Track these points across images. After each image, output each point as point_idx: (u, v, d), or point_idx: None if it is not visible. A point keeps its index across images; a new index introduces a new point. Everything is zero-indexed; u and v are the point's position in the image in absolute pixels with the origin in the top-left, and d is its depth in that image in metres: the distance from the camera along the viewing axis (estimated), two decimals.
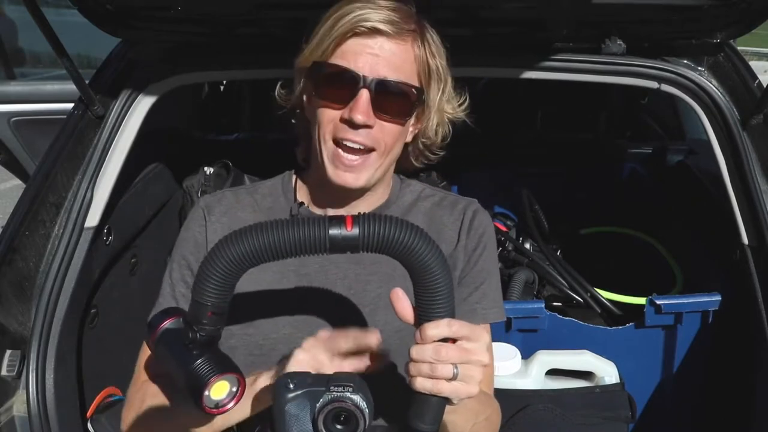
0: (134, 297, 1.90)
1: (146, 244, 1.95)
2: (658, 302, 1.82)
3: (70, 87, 1.54)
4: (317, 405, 0.86)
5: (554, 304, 2.03)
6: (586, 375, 1.85)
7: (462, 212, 1.27)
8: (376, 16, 1.07)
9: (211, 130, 2.88)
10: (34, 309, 1.39)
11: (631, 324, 1.88)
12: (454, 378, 0.88)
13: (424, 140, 1.23)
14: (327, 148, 1.12)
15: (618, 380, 1.81)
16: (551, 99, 2.83)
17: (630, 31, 1.55)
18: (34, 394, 1.33)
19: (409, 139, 1.22)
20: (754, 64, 2.33)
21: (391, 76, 1.10)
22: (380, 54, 1.09)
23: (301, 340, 1.15)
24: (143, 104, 1.56)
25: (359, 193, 1.20)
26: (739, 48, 1.64)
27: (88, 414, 1.56)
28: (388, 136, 1.13)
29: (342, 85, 1.09)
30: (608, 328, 1.91)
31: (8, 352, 1.34)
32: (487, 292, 1.23)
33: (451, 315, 0.89)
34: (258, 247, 0.83)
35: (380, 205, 1.25)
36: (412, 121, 1.18)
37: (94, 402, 1.59)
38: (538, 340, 1.87)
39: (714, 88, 1.55)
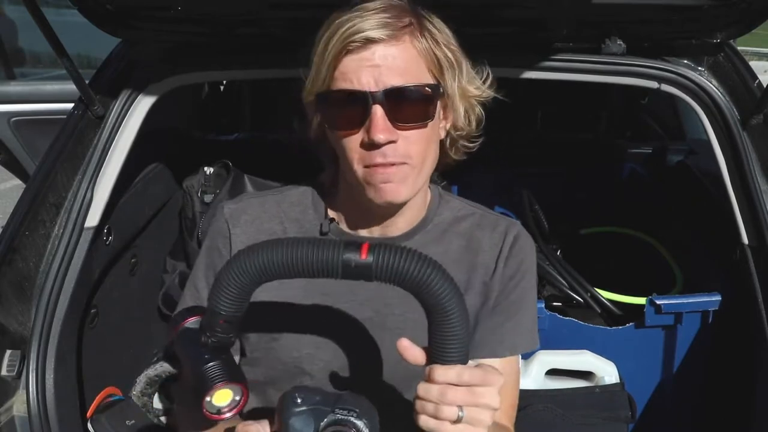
0: (134, 297, 1.90)
1: (146, 244, 1.96)
2: (658, 302, 1.82)
3: (70, 87, 1.53)
4: (321, 424, 0.86)
5: (554, 304, 2.03)
6: (586, 375, 1.85)
7: (502, 236, 1.20)
8: (365, 25, 1.00)
9: (211, 130, 2.88)
10: (34, 309, 1.39)
11: (631, 324, 1.88)
12: (458, 421, 0.85)
13: (458, 132, 1.15)
14: (360, 174, 1.06)
15: (618, 380, 1.81)
16: (551, 99, 2.83)
17: (630, 31, 1.55)
18: (34, 394, 1.33)
19: (443, 135, 1.14)
20: (754, 64, 2.34)
21: (399, 81, 1.02)
22: (381, 63, 1.01)
23: (321, 362, 1.14)
24: (143, 104, 1.56)
25: (395, 210, 1.13)
26: (739, 48, 1.64)
27: (88, 414, 1.56)
28: (416, 144, 1.05)
29: (352, 108, 1.03)
30: (608, 328, 1.91)
31: (8, 352, 1.34)
32: (521, 321, 1.18)
33: (464, 358, 0.88)
34: (271, 263, 0.84)
35: (417, 223, 1.18)
36: (438, 119, 1.10)
37: (94, 402, 1.59)
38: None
39: (714, 88, 1.55)
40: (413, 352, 0.91)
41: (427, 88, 1.05)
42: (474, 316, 1.18)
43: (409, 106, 1.04)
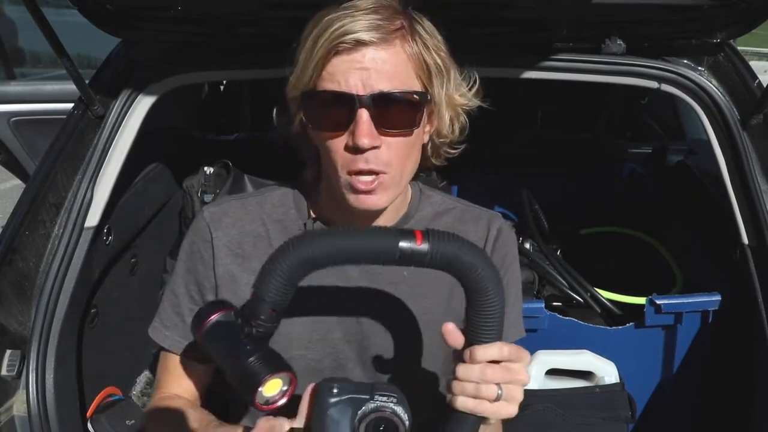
0: (134, 297, 1.90)
1: (146, 244, 1.96)
2: (658, 302, 1.82)
3: (70, 87, 1.53)
4: (359, 412, 0.87)
5: (554, 304, 2.03)
6: (585, 375, 1.85)
7: (486, 230, 1.20)
8: (356, 26, 0.98)
9: (211, 130, 2.88)
10: (34, 309, 1.39)
11: (631, 324, 1.88)
12: (497, 399, 0.89)
13: (441, 139, 1.14)
14: (342, 180, 1.05)
15: (618, 380, 1.81)
16: (551, 99, 2.83)
17: (630, 31, 1.55)
18: (34, 394, 1.33)
19: (425, 139, 1.13)
20: (754, 64, 2.34)
21: (387, 87, 1.00)
22: (370, 66, 0.99)
23: (312, 361, 1.14)
24: (143, 104, 1.56)
25: (378, 212, 1.12)
26: (739, 48, 1.64)
27: (88, 414, 1.56)
28: (398, 151, 1.04)
29: (338, 110, 1.01)
30: (608, 328, 1.91)
31: (8, 352, 1.34)
32: (507, 314, 1.20)
33: (501, 336, 0.91)
34: (328, 250, 0.85)
35: (399, 220, 1.18)
36: (423, 126, 1.09)
37: (94, 402, 1.59)
38: (538, 340, 1.87)
39: (714, 88, 1.55)
40: (456, 336, 0.93)
41: (414, 96, 1.04)
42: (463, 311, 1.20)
43: (396, 112, 1.02)
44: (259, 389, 0.87)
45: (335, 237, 0.86)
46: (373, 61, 1.00)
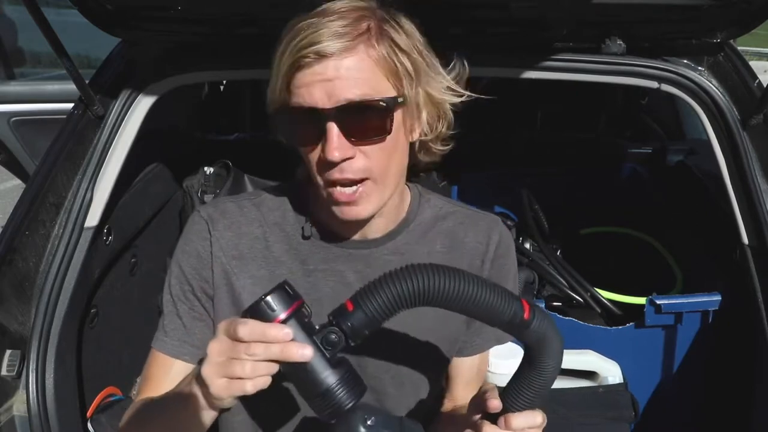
0: (134, 297, 1.90)
1: (146, 244, 1.96)
2: (658, 302, 1.82)
3: (70, 87, 1.53)
4: None
5: (554, 304, 2.03)
6: (588, 375, 1.85)
7: (486, 236, 1.19)
8: (317, 37, 0.95)
9: (211, 130, 2.88)
10: (34, 309, 1.39)
11: (631, 324, 1.88)
12: None
13: (424, 137, 1.10)
14: (325, 193, 1.04)
15: (621, 380, 1.81)
16: (551, 99, 2.84)
17: (630, 31, 1.55)
18: (34, 394, 1.33)
19: (414, 138, 1.09)
20: (754, 64, 2.33)
21: (354, 94, 0.97)
22: (333, 76, 0.96)
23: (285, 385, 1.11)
24: (143, 104, 1.56)
25: (371, 217, 1.09)
26: (739, 48, 1.64)
27: (88, 414, 1.56)
28: (376, 159, 1.01)
29: (306, 125, 0.99)
30: (608, 328, 1.91)
31: (8, 352, 1.34)
32: None
33: (536, 407, 0.94)
34: (448, 292, 0.83)
35: (398, 224, 1.15)
36: (400, 128, 1.05)
37: (94, 402, 1.59)
38: None
39: (714, 88, 1.55)
40: (495, 403, 0.94)
41: (381, 102, 0.99)
42: (459, 323, 1.20)
43: (365, 121, 0.99)
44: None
45: (461, 281, 0.83)
46: (337, 71, 0.96)
